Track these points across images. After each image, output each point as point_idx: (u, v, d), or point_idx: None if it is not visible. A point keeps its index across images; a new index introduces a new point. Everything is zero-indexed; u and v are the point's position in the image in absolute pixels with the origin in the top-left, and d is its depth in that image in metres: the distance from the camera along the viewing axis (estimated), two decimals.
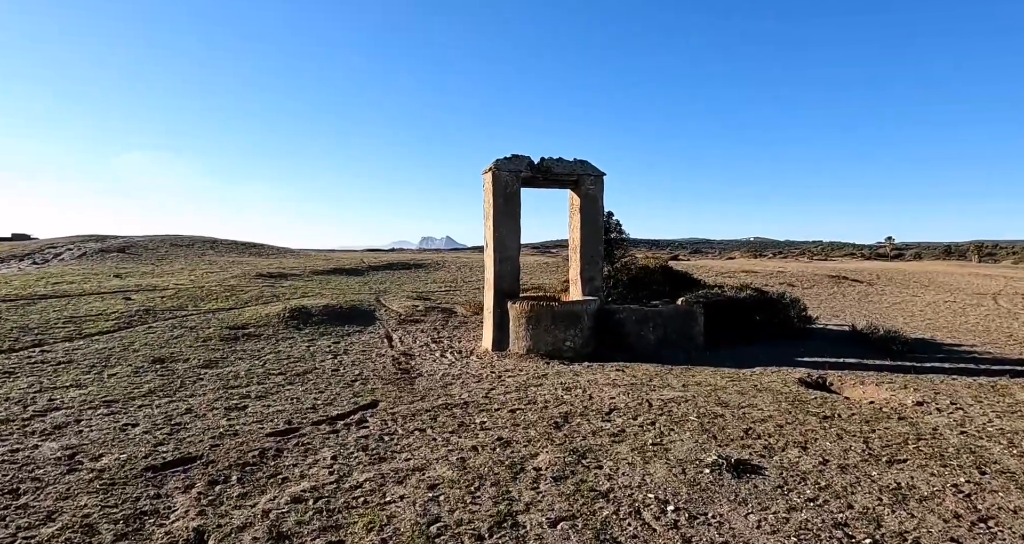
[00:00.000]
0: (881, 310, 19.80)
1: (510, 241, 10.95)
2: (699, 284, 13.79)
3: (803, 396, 8.20)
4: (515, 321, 10.68)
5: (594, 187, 11.32)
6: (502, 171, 10.86)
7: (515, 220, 10.98)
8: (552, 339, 10.45)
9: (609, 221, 12.58)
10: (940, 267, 39.91)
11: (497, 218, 10.87)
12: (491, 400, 7.55)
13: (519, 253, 11.13)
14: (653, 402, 7.57)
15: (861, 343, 12.31)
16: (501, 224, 10.90)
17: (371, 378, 8.71)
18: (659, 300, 12.17)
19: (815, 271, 30.41)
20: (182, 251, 26.09)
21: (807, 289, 24.85)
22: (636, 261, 13.90)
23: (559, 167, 11.14)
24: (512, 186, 10.91)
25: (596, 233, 11.40)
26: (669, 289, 12.93)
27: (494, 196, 10.84)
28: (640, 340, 10.99)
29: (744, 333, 11.87)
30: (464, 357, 10.46)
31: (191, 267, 20.67)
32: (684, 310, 11.21)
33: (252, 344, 10.85)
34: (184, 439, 5.93)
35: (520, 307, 10.55)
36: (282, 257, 27.50)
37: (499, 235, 10.90)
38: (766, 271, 28.61)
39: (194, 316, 12.62)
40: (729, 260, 52.42)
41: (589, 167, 11.33)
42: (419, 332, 12.57)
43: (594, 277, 11.42)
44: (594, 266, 11.41)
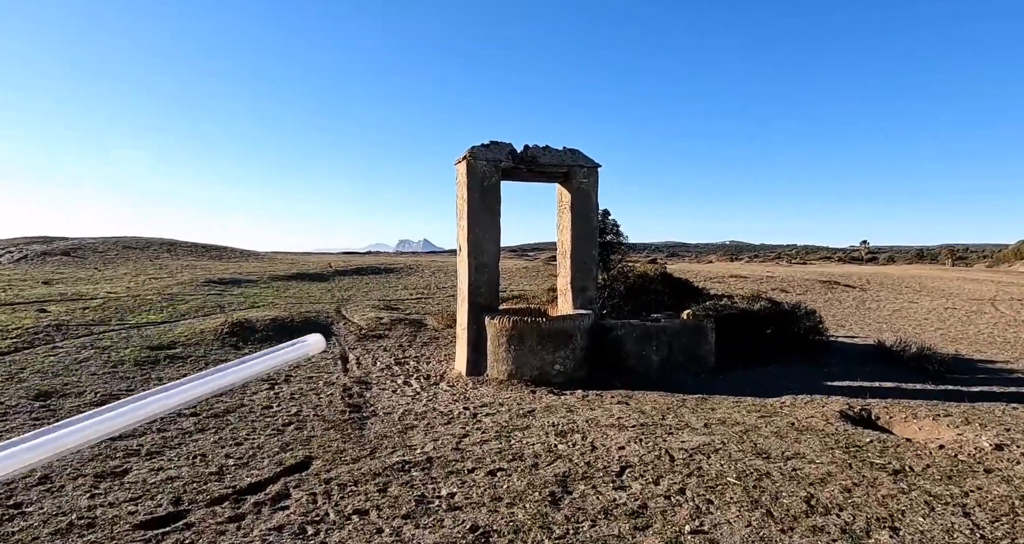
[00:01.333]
0: (884, 318, 18.25)
1: (488, 244, 9.04)
2: (702, 293, 12.03)
3: (855, 439, 6.44)
4: (494, 340, 8.77)
5: (587, 181, 9.45)
6: (479, 160, 8.95)
7: (494, 219, 9.08)
8: (538, 362, 8.56)
9: (605, 221, 10.77)
10: (924, 271, 38.76)
11: (472, 217, 8.96)
12: (463, 454, 5.64)
13: (499, 258, 9.22)
14: (674, 453, 5.72)
15: (888, 361, 10.60)
16: (477, 224, 8.99)
17: (310, 419, 6.75)
18: (661, 313, 10.34)
19: (805, 276, 28.92)
20: (134, 254, 23.81)
21: (800, 295, 23.29)
22: (633, 268, 12.12)
23: (547, 157, 9.26)
24: (490, 178, 9.01)
25: (589, 235, 9.53)
26: (670, 299, 11.15)
27: (469, 190, 8.93)
28: (642, 361, 9.14)
29: (758, 350, 10.08)
30: (432, 384, 8.53)
31: (136, 272, 18.49)
32: (692, 325, 9.38)
33: (173, 370, 8.82)
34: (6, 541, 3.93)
35: (500, 324, 8.65)
36: (244, 261, 25.31)
37: (474, 237, 8.99)
38: (755, 276, 27.02)
39: (114, 332, 10.53)
40: (707, 264, 51.00)
41: (581, 157, 9.47)
42: (381, 351, 10.61)
43: (587, 287, 9.55)
44: (587, 274, 9.54)
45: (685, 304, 10.82)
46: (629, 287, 11.12)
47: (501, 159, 9.02)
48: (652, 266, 12.88)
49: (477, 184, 8.95)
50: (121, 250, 24.54)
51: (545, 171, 9.34)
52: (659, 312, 10.59)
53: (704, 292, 12.18)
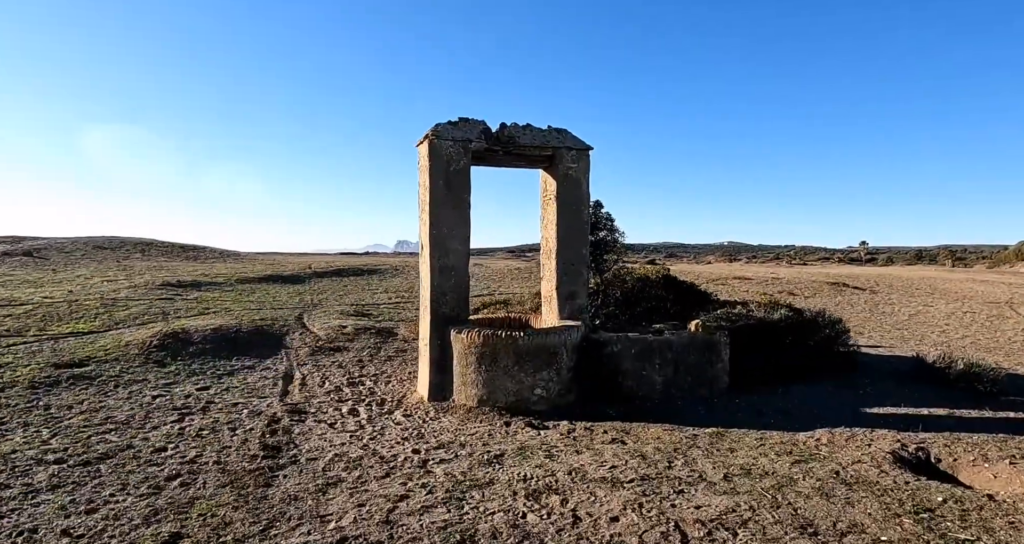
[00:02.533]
0: (902, 323, 16.58)
1: (454, 242, 7.35)
2: (710, 299, 10.37)
3: (923, 497, 4.81)
4: (461, 359, 7.09)
5: (576, 166, 7.76)
6: (444, 140, 7.27)
7: (462, 212, 7.40)
8: (515, 386, 6.88)
9: (597, 214, 9.08)
10: (930, 272, 37.09)
11: (435, 209, 7.28)
12: (392, 533, 3.96)
13: (468, 259, 7.53)
14: (688, 528, 4.06)
15: (930, 378, 8.93)
16: (441, 218, 7.31)
17: (206, 470, 5.07)
18: (664, 323, 8.66)
19: (811, 277, 27.24)
20: (103, 255, 22.13)
21: (809, 298, 21.62)
22: (631, 270, 10.43)
23: (527, 136, 7.57)
24: (458, 162, 7.32)
25: (579, 231, 7.84)
26: (674, 307, 9.48)
27: (431, 176, 7.25)
28: (642, 383, 7.46)
29: (778, 367, 8.40)
30: (384, 413, 6.87)
31: (93, 274, 16.81)
32: (703, 339, 7.70)
33: (73, 393, 7.14)
34: None
35: (468, 339, 6.97)
36: (220, 262, 23.63)
37: (438, 234, 7.30)
38: (759, 277, 25.34)
39: (25, 345, 8.85)
40: (706, 265, 49.33)
41: (569, 138, 7.78)
42: (335, 367, 8.93)
43: (576, 293, 7.85)
44: (576, 278, 7.85)
45: (692, 312, 9.16)
46: (626, 293, 9.43)
47: (472, 139, 7.34)
48: (653, 268, 11.19)
49: (441, 169, 7.27)
50: (91, 250, 22.85)
51: (526, 154, 7.66)
52: (661, 322, 8.90)
53: (713, 298, 10.52)
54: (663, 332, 8.18)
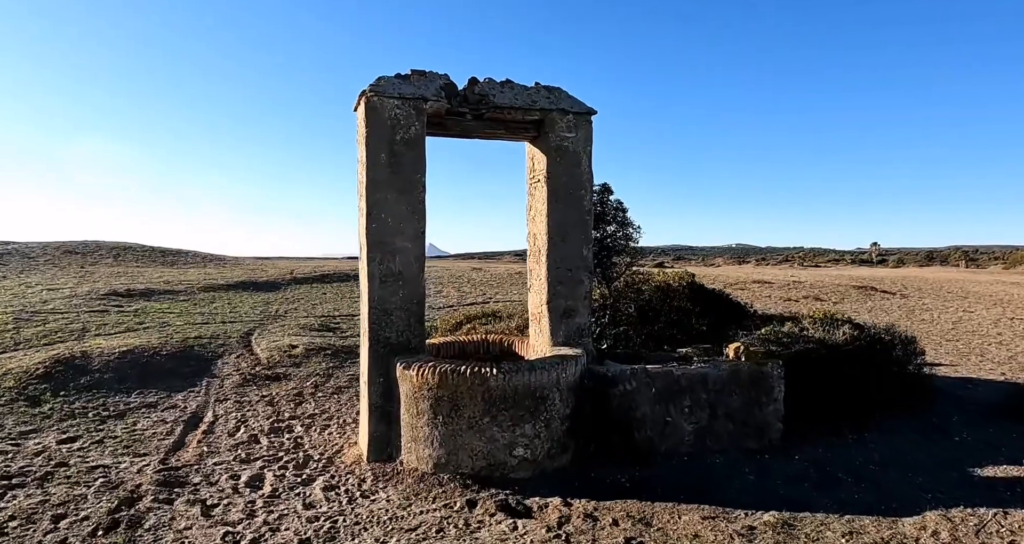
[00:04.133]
0: (947, 333, 14.26)
1: (402, 239, 5.17)
2: (747, 312, 8.13)
3: None
4: (410, 405, 4.92)
5: (573, 135, 5.57)
6: (387, 99, 5.12)
7: (412, 197, 5.23)
8: (485, 444, 4.71)
9: (604, 202, 6.77)
10: (951, 274, 34.66)
11: (375, 193, 5.12)
12: None
13: (422, 263, 5.36)
14: None
15: None
16: (383, 206, 5.14)
17: None
18: (692, 346, 6.45)
19: (834, 280, 24.90)
20: (69, 260, 20.09)
21: (837, 303, 19.33)
22: (648, 276, 8.17)
23: (506, 94, 5.40)
24: (407, 129, 5.16)
25: (578, 224, 5.64)
26: (702, 321, 7.24)
27: (369, 149, 5.11)
28: (666, 434, 5.28)
29: (844, 406, 6.18)
30: (300, 484, 4.72)
31: (40, 282, 14.77)
32: (750, 373, 5.49)
33: None
34: None
35: (419, 377, 4.80)
36: (197, 267, 21.57)
37: (379, 228, 5.13)
38: (780, 281, 23.05)
39: None
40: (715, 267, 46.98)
41: (564, 98, 5.60)
42: (262, 404, 6.79)
43: (574, 309, 5.64)
44: (575, 288, 5.64)
45: (726, 330, 6.96)
46: (642, 306, 7.21)
47: (427, 97, 5.17)
48: (674, 273, 8.89)
49: (384, 138, 5.11)
50: (59, 256, 20.82)
51: (504, 118, 5.48)
52: (688, 344, 6.71)
53: (750, 311, 8.28)
54: (692, 360, 5.98)
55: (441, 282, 19.81)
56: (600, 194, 6.43)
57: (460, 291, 18.23)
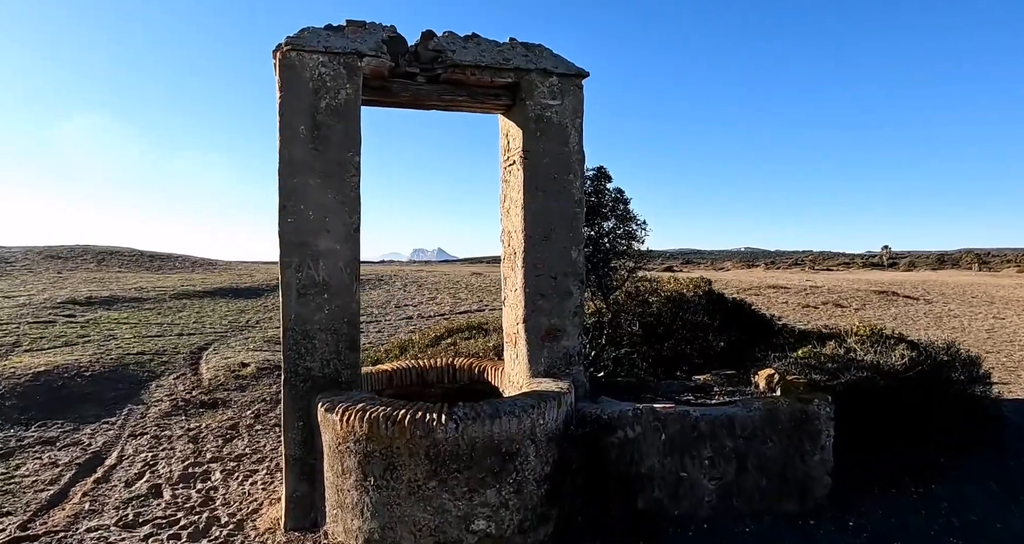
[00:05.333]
0: (984, 342, 12.80)
1: (327, 239, 3.86)
2: (775, 328, 6.73)
3: None
4: (334, 460, 3.61)
5: (558, 104, 4.25)
6: (310, 54, 3.82)
7: (342, 182, 3.91)
8: (433, 517, 3.38)
9: (600, 190, 5.30)
10: (968, 277, 33.10)
11: (292, 177, 3.81)
12: None
13: (355, 269, 4.03)
14: None
15: None
16: (303, 194, 3.83)
17: None
18: (712, 373, 5.09)
19: (852, 285, 23.40)
20: (46, 265, 18.94)
21: (859, 310, 17.91)
22: (656, 284, 6.71)
23: (469, 52, 4.08)
24: (335, 93, 3.86)
25: (565, 218, 4.29)
26: (721, 338, 5.84)
27: (284, 116, 3.80)
28: (680, 495, 3.94)
29: (905, 450, 4.82)
30: None
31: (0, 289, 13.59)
32: (790, 413, 4.12)
33: None
34: None
35: (344, 424, 3.48)
36: (181, 272, 20.38)
37: (297, 224, 3.82)
38: (796, 286, 21.59)
39: None
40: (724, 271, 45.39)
41: (545, 56, 4.27)
42: (184, 441, 5.50)
43: (561, 328, 4.29)
44: (561, 301, 4.29)
45: (754, 350, 5.59)
46: (651, 322, 5.85)
47: (364, 53, 3.87)
48: (688, 280, 7.42)
49: (304, 105, 3.81)
50: (39, 260, 19.68)
51: (467, 81, 4.15)
52: (707, 368, 5.36)
53: (777, 325, 6.86)
54: (712, 390, 4.65)
55: (437, 288, 18.56)
56: (594, 181, 5.05)
57: (455, 298, 16.91)
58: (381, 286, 18.62)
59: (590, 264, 4.98)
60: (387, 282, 19.42)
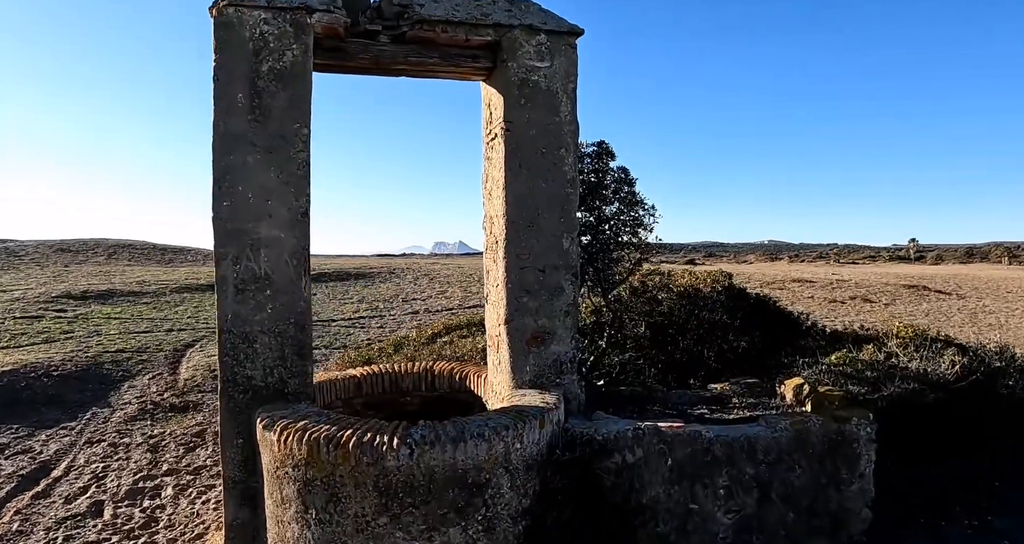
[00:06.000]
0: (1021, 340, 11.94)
1: (269, 226, 3.26)
2: (800, 325, 6.00)
3: None
4: (274, 486, 3.01)
5: (547, 66, 3.60)
6: (249, 9, 3.21)
7: (286, 159, 3.29)
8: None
9: (600, 169, 4.55)
10: (1001, 271, 31.75)
11: (227, 151, 3.21)
12: None
13: (305, 262, 3.42)
14: None
15: None
16: (239, 170, 3.23)
17: None
18: (730, 381, 4.41)
19: (880, 279, 22.37)
20: (55, 258, 18.72)
21: (888, 305, 17.01)
22: (667, 279, 5.95)
23: (441, 6, 3.45)
24: (280, 55, 3.25)
25: (556, 201, 3.64)
26: (742, 338, 5.11)
27: (220, 82, 3.20)
28: (689, 530, 3.28)
29: (956, 473, 4.10)
30: None
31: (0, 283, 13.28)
32: (824, 434, 3.45)
33: None
34: None
35: (283, 446, 2.89)
36: (190, 265, 20.05)
37: (230, 208, 3.22)
38: (822, 280, 20.67)
39: None
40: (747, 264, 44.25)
41: (531, 10, 3.62)
42: (142, 450, 4.98)
43: (550, 330, 3.65)
44: (551, 298, 3.65)
45: (780, 353, 4.89)
46: (660, 322, 5.11)
47: (314, 7, 3.26)
48: (705, 272, 6.68)
49: (243, 69, 3.21)
50: (50, 253, 19.48)
51: (438, 40, 3.51)
52: (725, 374, 4.69)
53: (805, 324, 6.12)
54: (730, 401, 3.98)
55: (449, 282, 17.98)
56: (594, 159, 4.34)
57: (466, 291, 16.30)
58: (391, 279, 18.08)
59: (587, 255, 4.30)
60: (398, 275, 18.88)
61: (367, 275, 18.42)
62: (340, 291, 15.55)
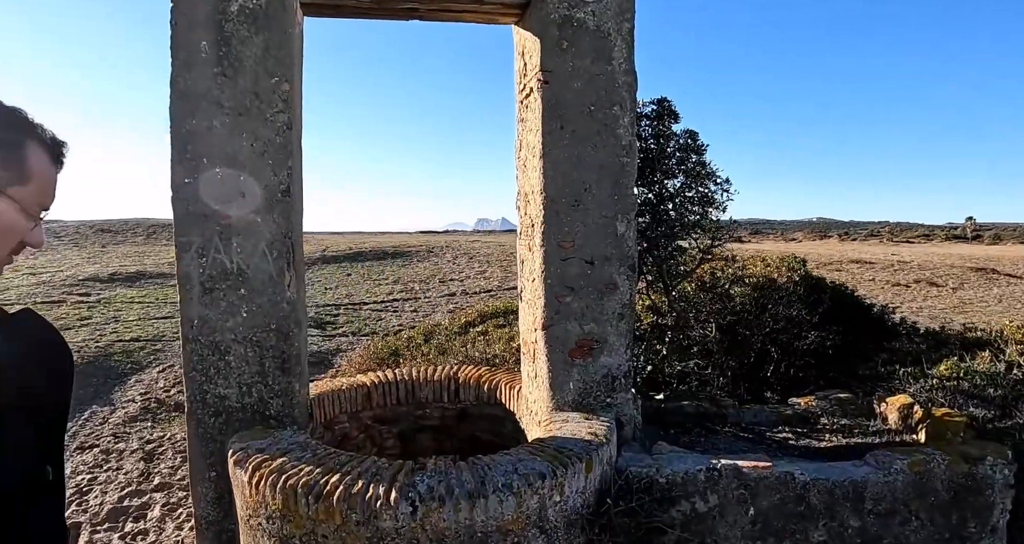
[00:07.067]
0: None
1: (243, 204, 2.59)
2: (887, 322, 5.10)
3: None
4: (248, 537, 2.36)
5: (595, 2, 2.82)
6: None
7: (266, 119, 2.58)
8: None
9: (661, 134, 3.71)
10: None
11: (188, 114, 2.52)
12: None
13: (288, 254, 2.70)
14: None
15: None
16: (201, 137, 2.53)
17: None
18: (815, 396, 3.60)
19: (944, 260, 20.87)
20: (94, 239, 18.66)
21: (956, 290, 15.73)
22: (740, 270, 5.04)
23: None
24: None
25: (608, 172, 2.86)
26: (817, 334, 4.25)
27: (178, 28, 2.49)
28: None
29: None
30: None
31: (33, 265, 13.12)
32: (949, 478, 2.65)
33: None
34: None
35: (254, 492, 2.23)
36: None
37: (192, 186, 2.54)
38: (882, 261, 19.35)
39: None
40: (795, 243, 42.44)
41: None
42: (137, 456, 4.44)
43: (600, 337, 2.91)
44: (601, 297, 2.90)
45: (868, 357, 4.05)
46: (729, 321, 4.26)
47: None
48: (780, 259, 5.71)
49: (207, 10, 2.51)
50: (89, 234, 19.43)
51: None
52: (804, 385, 3.89)
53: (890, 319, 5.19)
54: (816, 421, 3.20)
55: (488, 261, 17.31)
56: (653, 121, 3.51)
57: (506, 272, 15.61)
58: (429, 258, 17.51)
59: (645, 242, 3.50)
60: (437, 254, 18.30)
61: (405, 254, 17.89)
62: (376, 272, 15.04)
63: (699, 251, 3.83)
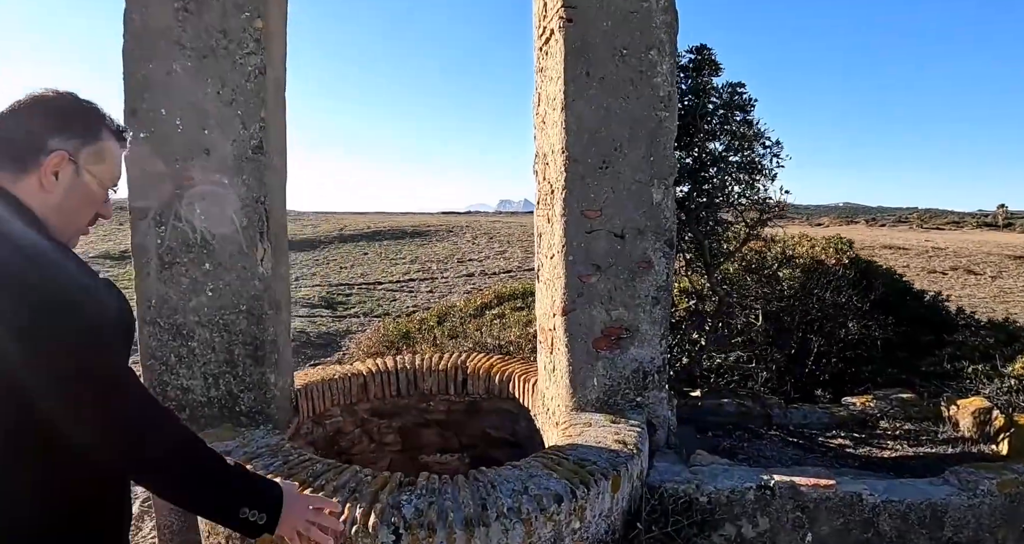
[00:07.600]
0: None
1: (207, 165, 2.18)
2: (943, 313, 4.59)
3: None
4: None
5: None
6: None
7: (233, 62, 2.15)
8: None
9: (701, 88, 3.20)
10: None
11: (142, 58, 2.11)
12: None
13: (261, 222, 2.28)
14: None
15: None
16: (160, 86, 2.11)
17: None
18: (878, 396, 3.14)
19: (980, 248, 19.98)
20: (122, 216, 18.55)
21: (995, 279, 14.97)
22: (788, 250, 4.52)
23: None
24: None
25: (643, 128, 2.42)
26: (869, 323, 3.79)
27: None
28: None
29: None
30: None
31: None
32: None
33: None
34: None
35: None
36: None
37: (148, 143, 2.12)
38: (916, 247, 18.55)
39: None
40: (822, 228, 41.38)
41: None
42: None
43: (631, 325, 2.47)
44: (633, 278, 2.47)
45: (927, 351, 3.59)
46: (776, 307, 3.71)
47: None
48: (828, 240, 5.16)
49: None
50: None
51: None
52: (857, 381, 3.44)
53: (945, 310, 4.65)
54: (875, 425, 2.75)
55: (509, 241, 16.88)
56: (691, 71, 2.98)
57: (527, 252, 15.17)
58: (449, 238, 17.14)
59: (684, 214, 2.98)
60: (457, 234, 17.92)
61: (424, 233, 17.54)
62: (393, 251, 14.70)
63: (745, 226, 3.32)
